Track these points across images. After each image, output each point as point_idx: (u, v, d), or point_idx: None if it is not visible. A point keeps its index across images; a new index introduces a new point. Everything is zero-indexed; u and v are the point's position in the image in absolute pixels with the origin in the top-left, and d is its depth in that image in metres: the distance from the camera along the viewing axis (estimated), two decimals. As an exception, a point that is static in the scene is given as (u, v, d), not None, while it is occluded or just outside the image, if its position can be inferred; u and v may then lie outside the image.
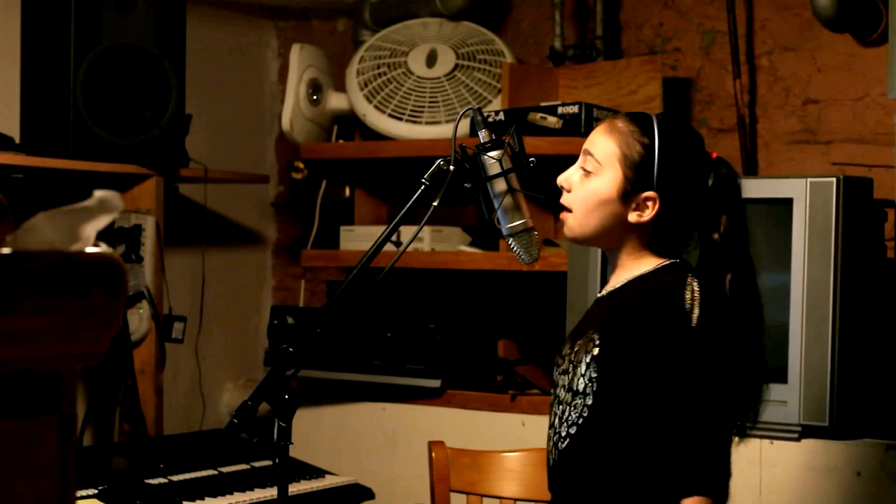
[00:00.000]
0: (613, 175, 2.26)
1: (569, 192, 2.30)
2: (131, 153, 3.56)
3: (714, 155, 2.31)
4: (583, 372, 2.22)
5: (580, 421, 2.23)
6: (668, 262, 2.27)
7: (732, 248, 2.24)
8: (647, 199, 2.25)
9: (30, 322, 1.01)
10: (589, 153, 2.29)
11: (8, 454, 1.05)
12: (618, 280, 2.30)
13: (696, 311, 2.15)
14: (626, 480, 2.19)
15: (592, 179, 2.27)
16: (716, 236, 2.24)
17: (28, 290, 1.01)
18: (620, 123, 2.28)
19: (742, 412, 2.24)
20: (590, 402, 2.21)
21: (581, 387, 2.22)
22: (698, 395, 2.14)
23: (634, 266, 2.28)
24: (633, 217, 2.26)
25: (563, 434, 2.25)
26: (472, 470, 2.74)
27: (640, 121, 2.28)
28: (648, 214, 2.25)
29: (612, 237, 2.29)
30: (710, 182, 2.27)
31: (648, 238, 2.28)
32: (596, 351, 2.21)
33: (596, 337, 2.22)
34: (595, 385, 2.20)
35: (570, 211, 2.29)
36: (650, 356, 2.16)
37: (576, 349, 2.27)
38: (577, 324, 2.39)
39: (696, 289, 2.17)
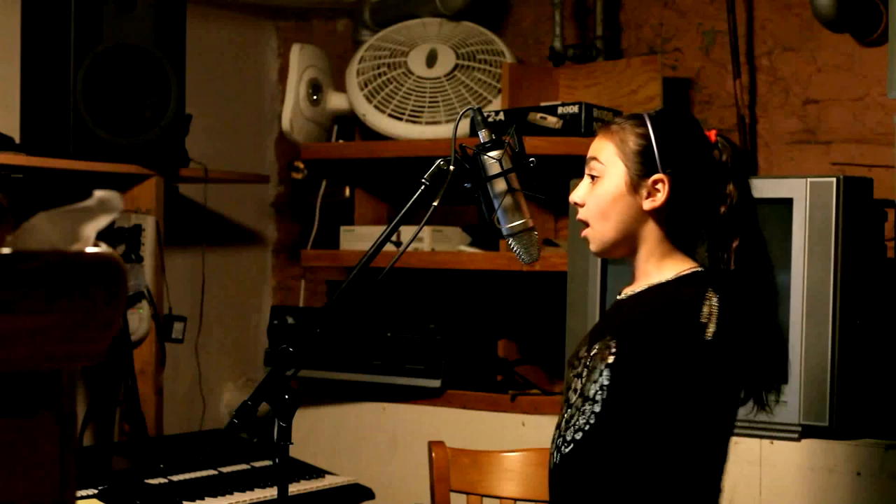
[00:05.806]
0: (618, 170, 2.27)
1: (583, 206, 2.31)
2: (131, 153, 3.56)
3: (713, 134, 2.31)
4: (596, 378, 2.21)
5: (587, 427, 2.22)
6: (689, 272, 2.27)
7: (741, 219, 2.24)
8: (656, 182, 2.26)
9: (30, 322, 1.01)
10: (592, 158, 2.31)
11: (8, 454, 1.05)
12: (639, 285, 2.30)
13: (712, 327, 2.15)
14: (627, 491, 2.19)
15: (601, 183, 2.29)
16: (723, 209, 2.25)
17: (28, 290, 1.00)
18: (614, 125, 2.32)
19: (764, 382, 2.25)
20: (597, 409, 2.21)
21: (592, 393, 2.22)
22: (698, 408, 2.15)
23: (656, 273, 2.28)
24: (647, 205, 2.26)
25: (569, 438, 2.25)
26: (472, 470, 2.74)
27: (632, 117, 2.33)
28: (661, 197, 2.25)
29: (633, 235, 2.28)
30: (716, 156, 2.27)
31: (666, 230, 2.28)
32: (611, 359, 2.20)
33: (613, 344, 2.21)
34: (605, 392, 2.20)
35: (589, 225, 2.31)
36: (661, 369, 2.16)
37: (593, 353, 2.26)
38: (596, 325, 2.39)
39: (714, 304, 2.17)
